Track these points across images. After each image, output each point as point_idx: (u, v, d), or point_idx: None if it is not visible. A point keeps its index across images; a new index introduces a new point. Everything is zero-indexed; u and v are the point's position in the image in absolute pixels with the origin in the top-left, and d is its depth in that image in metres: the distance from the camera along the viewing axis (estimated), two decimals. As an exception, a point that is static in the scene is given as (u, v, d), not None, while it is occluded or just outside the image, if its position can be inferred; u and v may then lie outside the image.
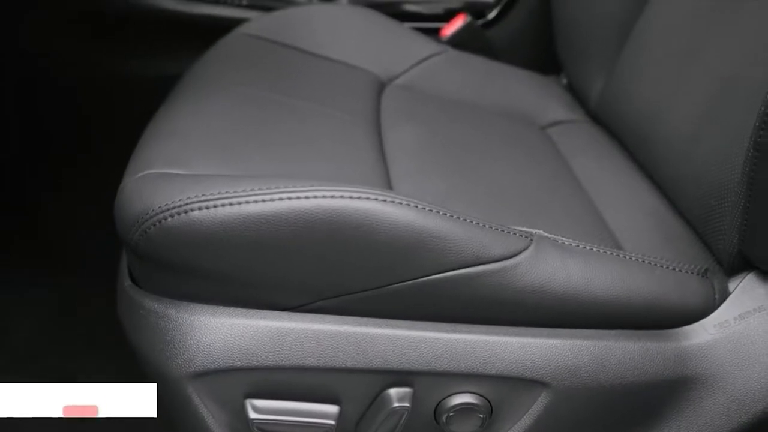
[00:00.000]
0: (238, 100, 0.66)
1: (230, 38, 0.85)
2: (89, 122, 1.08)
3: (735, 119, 0.58)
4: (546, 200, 0.68)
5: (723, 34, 0.67)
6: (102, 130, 1.07)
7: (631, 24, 0.83)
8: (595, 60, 0.88)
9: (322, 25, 0.89)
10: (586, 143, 0.84)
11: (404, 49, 0.89)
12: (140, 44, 1.06)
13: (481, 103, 0.86)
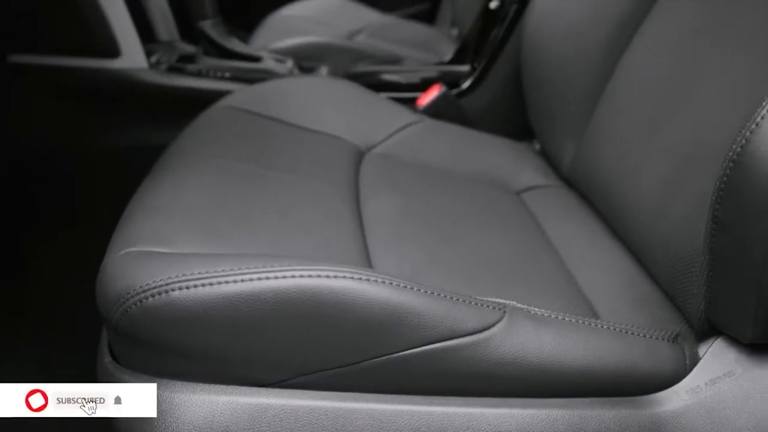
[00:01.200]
0: (219, 174, 0.68)
1: (213, 110, 0.88)
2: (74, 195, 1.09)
3: (698, 189, 0.61)
4: (521, 267, 0.69)
5: (685, 103, 0.70)
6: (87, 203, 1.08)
7: (599, 92, 0.87)
8: (566, 127, 0.92)
9: (303, 96, 0.92)
10: (560, 208, 0.87)
11: (382, 118, 0.92)
12: (125, 116, 1.08)
13: (457, 170, 0.89)
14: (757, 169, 0.44)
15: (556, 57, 0.90)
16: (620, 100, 0.82)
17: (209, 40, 1.14)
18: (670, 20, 0.78)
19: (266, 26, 1.58)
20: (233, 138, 0.80)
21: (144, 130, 1.07)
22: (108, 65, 1.03)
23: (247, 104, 0.88)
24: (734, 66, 0.65)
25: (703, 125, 0.66)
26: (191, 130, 0.83)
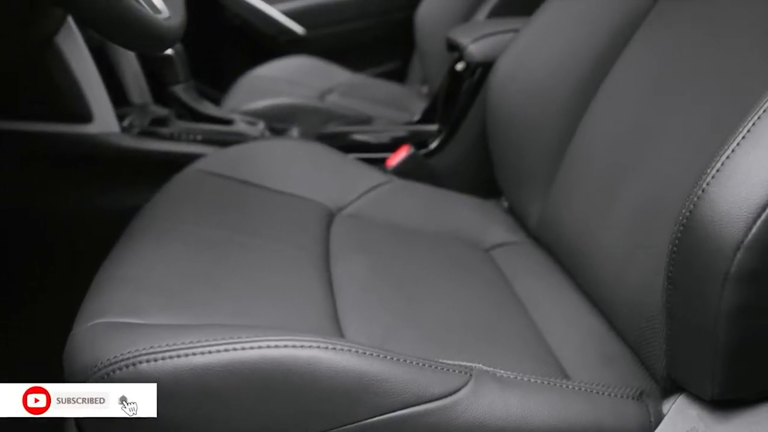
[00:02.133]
0: (188, 242, 0.69)
1: (184, 174, 0.89)
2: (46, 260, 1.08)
3: (657, 247, 0.63)
4: (490, 326, 0.70)
5: (643, 162, 0.73)
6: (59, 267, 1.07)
7: (562, 152, 0.90)
8: (532, 185, 0.94)
9: (273, 159, 0.94)
10: (528, 264, 0.88)
11: (352, 179, 0.94)
12: (98, 180, 1.08)
13: (426, 229, 0.91)
14: (704, 233, 0.46)
15: (520, 118, 0.94)
16: (583, 159, 0.85)
17: (181, 104, 1.16)
18: (628, 82, 0.82)
19: (239, 87, 1.61)
20: (203, 203, 0.81)
21: (117, 194, 1.08)
22: (80, 130, 1.04)
23: (218, 168, 0.90)
24: (688, 128, 0.68)
25: (661, 184, 0.68)
26: (162, 195, 0.83)
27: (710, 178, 0.46)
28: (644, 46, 0.82)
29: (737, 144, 0.46)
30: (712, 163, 0.47)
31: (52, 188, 1.08)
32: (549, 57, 0.90)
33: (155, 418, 0.48)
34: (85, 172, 1.08)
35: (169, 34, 0.60)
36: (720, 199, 0.45)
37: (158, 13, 0.64)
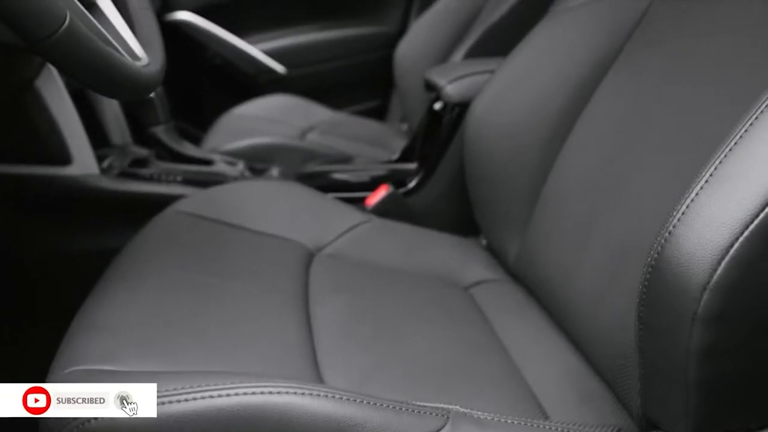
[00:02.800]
0: (166, 286, 0.69)
1: (163, 216, 0.89)
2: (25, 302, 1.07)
3: (631, 285, 0.64)
4: (469, 366, 0.71)
5: (617, 201, 0.74)
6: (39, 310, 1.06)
7: (538, 190, 0.91)
8: (509, 223, 0.95)
9: (253, 200, 0.94)
10: (507, 302, 0.89)
11: (331, 219, 0.95)
12: (78, 222, 1.08)
13: (406, 268, 0.91)
14: (672, 275, 0.47)
15: (496, 157, 0.95)
16: (558, 197, 0.87)
17: (162, 145, 1.16)
18: (600, 124, 0.84)
19: (219, 126, 1.62)
20: (181, 245, 0.81)
21: (97, 235, 1.07)
22: (59, 172, 1.04)
23: (198, 209, 0.90)
24: (656, 171, 0.70)
25: (632, 225, 0.70)
26: (140, 237, 0.84)
27: (676, 221, 0.48)
28: (614, 88, 0.84)
29: (701, 188, 0.47)
30: (678, 206, 0.48)
31: (31, 230, 1.08)
32: (523, 98, 0.93)
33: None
34: (64, 214, 1.08)
35: (148, 82, 0.61)
36: (686, 241, 0.47)
37: (138, 60, 0.65)
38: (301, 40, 2.02)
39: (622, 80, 0.83)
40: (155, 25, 0.75)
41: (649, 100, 0.77)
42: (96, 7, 0.65)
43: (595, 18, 0.89)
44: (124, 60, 0.57)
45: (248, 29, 1.97)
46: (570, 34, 0.91)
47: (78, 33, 0.50)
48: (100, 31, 0.58)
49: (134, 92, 0.59)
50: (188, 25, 1.92)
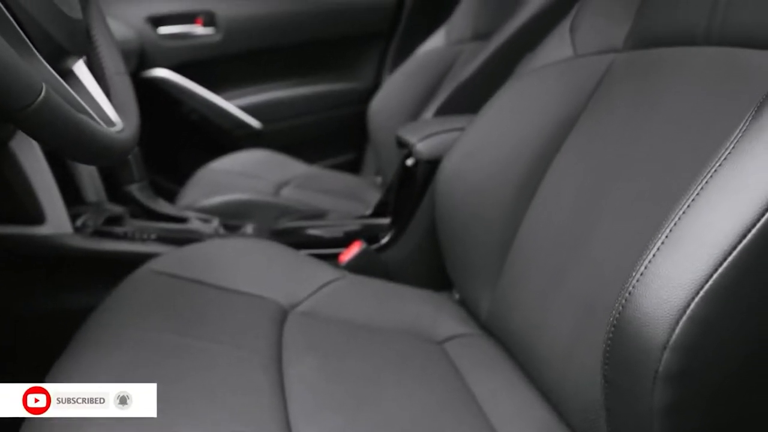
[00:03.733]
0: (138, 348, 0.68)
1: (136, 276, 0.89)
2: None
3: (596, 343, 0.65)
4: (441, 425, 0.71)
5: (583, 257, 0.76)
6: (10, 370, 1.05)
7: (508, 244, 0.93)
8: (481, 277, 0.97)
9: (227, 258, 0.95)
10: (481, 357, 0.90)
11: (305, 276, 0.96)
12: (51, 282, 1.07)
13: (379, 325, 0.92)
14: (633, 334, 0.49)
15: (466, 213, 0.97)
16: (528, 252, 0.88)
17: (136, 203, 1.17)
18: (565, 181, 0.86)
19: (195, 182, 1.63)
20: (154, 305, 0.81)
21: (70, 295, 1.07)
22: (32, 232, 1.04)
23: (171, 268, 0.90)
24: (619, 229, 0.72)
25: (597, 279, 0.72)
26: (112, 298, 0.83)
27: (635, 282, 0.49)
28: (577, 146, 0.87)
29: (657, 249, 0.49)
30: (637, 266, 0.50)
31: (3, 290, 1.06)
32: (491, 156, 0.95)
33: None
34: (37, 274, 1.07)
35: (121, 148, 0.62)
36: (645, 301, 0.48)
37: (112, 126, 0.66)
38: (276, 96, 2.06)
39: (585, 138, 0.86)
40: (130, 89, 0.76)
41: (611, 158, 0.79)
42: (72, 74, 0.66)
43: (557, 79, 0.93)
44: (98, 128, 0.58)
45: (224, 85, 2.01)
46: (534, 95, 0.94)
47: (53, 104, 0.51)
48: (75, 99, 0.60)
49: (108, 159, 0.60)
50: (165, 81, 1.95)
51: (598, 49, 0.91)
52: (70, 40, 0.62)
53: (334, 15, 2.04)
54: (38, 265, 1.06)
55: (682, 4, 0.77)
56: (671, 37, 0.78)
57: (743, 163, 0.48)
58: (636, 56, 0.84)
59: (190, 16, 1.96)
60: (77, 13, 0.66)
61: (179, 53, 1.96)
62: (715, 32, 0.72)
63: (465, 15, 1.71)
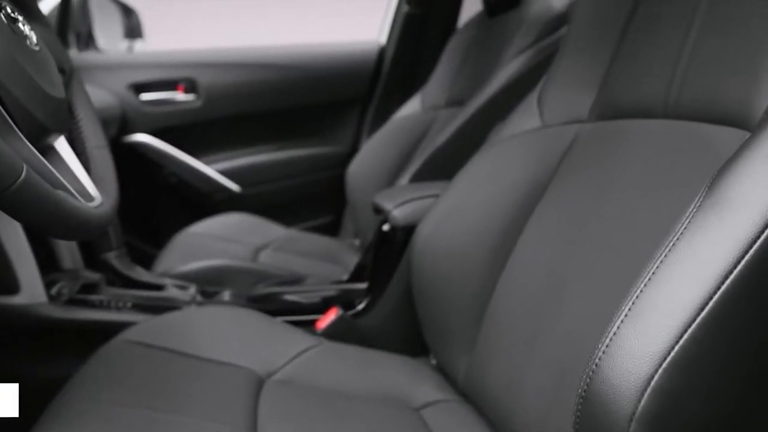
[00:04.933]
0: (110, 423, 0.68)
1: (111, 346, 0.89)
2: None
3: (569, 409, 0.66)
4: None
5: (555, 324, 0.78)
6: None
7: (483, 308, 0.94)
8: (457, 342, 0.97)
9: (203, 327, 0.95)
10: (458, 423, 0.89)
11: (282, 344, 0.96)
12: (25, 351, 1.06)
13: (356, 392, 0.92)
14: (600, 406, 0.50)
15: (442, 279, 0.99)
16: (502, 317, 0.90)
17: (113, 271, 1.17)
18: (538, 245, 0.88)
19: (173, 247, 1.63)
20: (127, 377, 0.80)
21: (44, 365, 1.05)
22: (6, 301, 1.03)
23: (146, 338, 0.90)
24: (588, 296, 0.74)
25: (570, 344, 0.73)
26: (86, 369, 0.83)
27: (601, 353, 0.51)
28: (548, 213, 0.89)
29: (621, 321, 0.51)
30: (603, 338, 0.52)
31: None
32: (465, 223, 0.97)
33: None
34: (11, 344, 1.06)
35: (99, 223, 0.63)
36: (611, 373, 0.49)
37: (91, 201, 0.67)
38: (256, 160, 2.09)
39: (555, 206, 0.89)
40: (110, 163, 0.78)
41: (579, 226, 0.82)
42: (53, 150, 0.68)
43: (527, 149, 0.96)
44: (77, 204, 0.59)
45: (204, 150, 2.04)
46: (505, 164, 0.97)
47: (33, 184, 0.52)
48: (54, 177, 0.61)
49: (85, 234, 0.61)
50: (145, 146, 1.98)
51: (565, 119, 0.95)
52: (52, 118, 0.64)
53: (313, 82, 2.09)
54: (11, 335, 1.05)
55: (641, 78, 0.81)
56: (632, 110, 0.82)
57: (698, 238, 0.51)
58: (600, 127, 0.88)
59: (172, 83, 2.01)
60: (60, 92, 0.68)
61: (160, 119, 1.99)
62: (672, 106, 0.76)
63: (439, 82, 1.77)
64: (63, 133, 0.68)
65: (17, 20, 0.64)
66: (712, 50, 0.72)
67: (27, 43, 0.64)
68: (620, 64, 0.87)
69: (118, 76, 1.97)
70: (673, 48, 0.77)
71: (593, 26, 0.96)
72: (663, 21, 0.81)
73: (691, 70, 0.74)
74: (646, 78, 0.80)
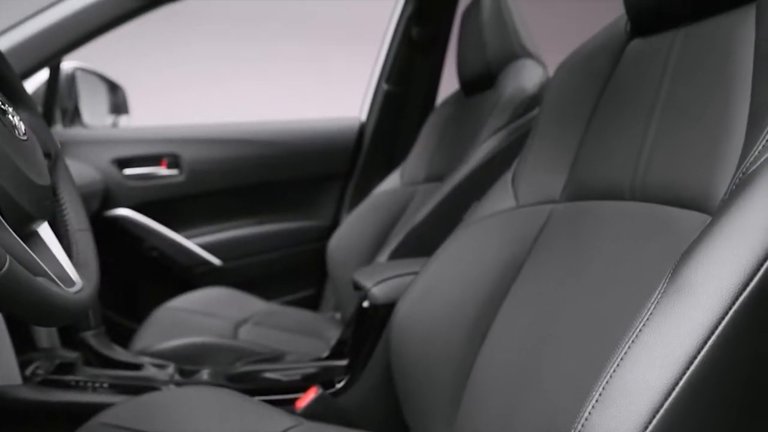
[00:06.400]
0: None
1: (87, 429, 0.87)
2: None
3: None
4: None
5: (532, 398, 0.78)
6: None
7: (461, 388, 0.94)
8: (437, 419, 0.97)
9: (181, 409, 0.94)
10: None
11: (260, 425, 0.94)
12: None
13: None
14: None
15: (420, 356, 0.99)
16: (480, 394, 0.90)
17: (90, 350, 1.16)
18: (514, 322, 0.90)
19: (152, 322, 1.62)
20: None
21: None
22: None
23: (122, 420, 0.89)
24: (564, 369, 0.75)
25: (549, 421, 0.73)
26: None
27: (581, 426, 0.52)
28: (523, 292, 0.91)
29: (592, 407, 0.52)
30: (576, 423, 0.53)
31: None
32: (442, 301, 0.99)
33: None
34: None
35: (79, 309, 0.64)
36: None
37: (72, 286, 0.68)
38: (237, 234, 2.10)
39: (530, 284, 0.91)
40: (92, 246, 0.79)
41: (554, 303, 0.83)
42: (36, 235, 0.69)
43: (502, 228, 0.99)
44: (57, 291, 0.60)
45: (186, 224, 2.05)
46: (481, 243, 1.00)
47: (14, 274, 0.53)
48: (36, 264, 0.62)
49: (65, 321, 0.62)
50: (127, 220, 1.98)
51: (538, 199, 0.98)
52: (36, 206, 0.66)
53: (295, 158, 2.13)
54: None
55: (608, 161, 0.85)
56: (602, 191, 0.85)
57: (664, 324, 0.52)
58: (572, 207, 0.91)
59: (156, 158, 2.03)
60: (45, 179, 0.70)
61: (143, 193, 2.01)
62: (638, 189, 0.79)
63: (418, 158, 1.81)
64: (47, 219, 0.70)
65: (6, 112, 0.67)
66: (673, 135, 0.75)
67: (15, 134, 0.66)
68: (588, 147, 0.91)
69: (102, 151, 2.00)
70: (637, 132, 0.80)
71: (562, 110, 1.01)
72: (627, 106, 0.85)
73: (655, 154, 0.77)
74: (613, 161, 0.84)
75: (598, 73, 0.93)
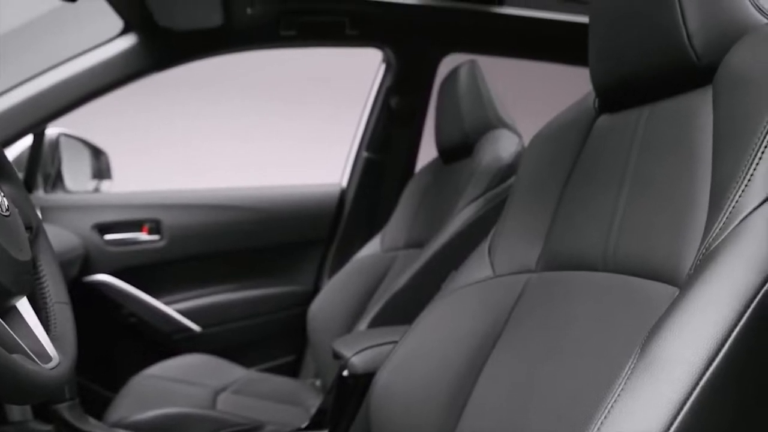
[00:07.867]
0: None
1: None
2: None
3: None
4: None
5: None
6: None
7: None
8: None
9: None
10: None
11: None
12: None
13: None
14: None
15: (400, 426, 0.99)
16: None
17: (64, 423, 1.13)
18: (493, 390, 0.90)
19: (129, 391, 1.59)
20: None
21: None
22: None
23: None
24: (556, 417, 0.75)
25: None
26: None
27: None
28: (502, 360, 0.92)
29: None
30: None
31: None
32: (422, 370, 0.99)
33: None
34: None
35: (54, 385, 0.63)
36: None
37: (48, 362, 0.68)
38: (217, 300, 2.09)
39: (508, 354, 0.92)
40: (70, 319, 0.79)
41: (532, 372, 0.84)
42: (14, 310, 0.69)
43: (480, 298, 1.00)
44: (33, 369, 0.60)
45: (165, 289, 2.04)
46: (459, 313, 1.01)
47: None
48: (13, 340, 0.62)
49: (40, 398, 0.62)
50: (105, 285, 1.97)
51: (514, 269, 0.99)
52: (16, 281, 0.66)
53: (276, 223, 2.15)
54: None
55: (580, 233, 0.87)
56: (575, 262, 0.87)
57: (633, 401, 0.53)
58: (547, 277, 0.93)
59: (137, 223, 2.04)
60: (26, 254, 0.70)
61: (123, 258, 2.00)
62: (610, 260, 0.81)
63: (398, 225, 1.83)
64: (25, 294, 0.70)
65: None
66: (642, 208, 0.78)
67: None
68: (562, 218, 0.93)
69: (83, 216, 2.00)
70: (608, 204, 0.83)
71: (536, 181, 1.04)
72: (598, 179, 0.88)
73: (625, 226, 0.79)
74: (585, 232, 0.86)
75: (569, 146, 0.96)
